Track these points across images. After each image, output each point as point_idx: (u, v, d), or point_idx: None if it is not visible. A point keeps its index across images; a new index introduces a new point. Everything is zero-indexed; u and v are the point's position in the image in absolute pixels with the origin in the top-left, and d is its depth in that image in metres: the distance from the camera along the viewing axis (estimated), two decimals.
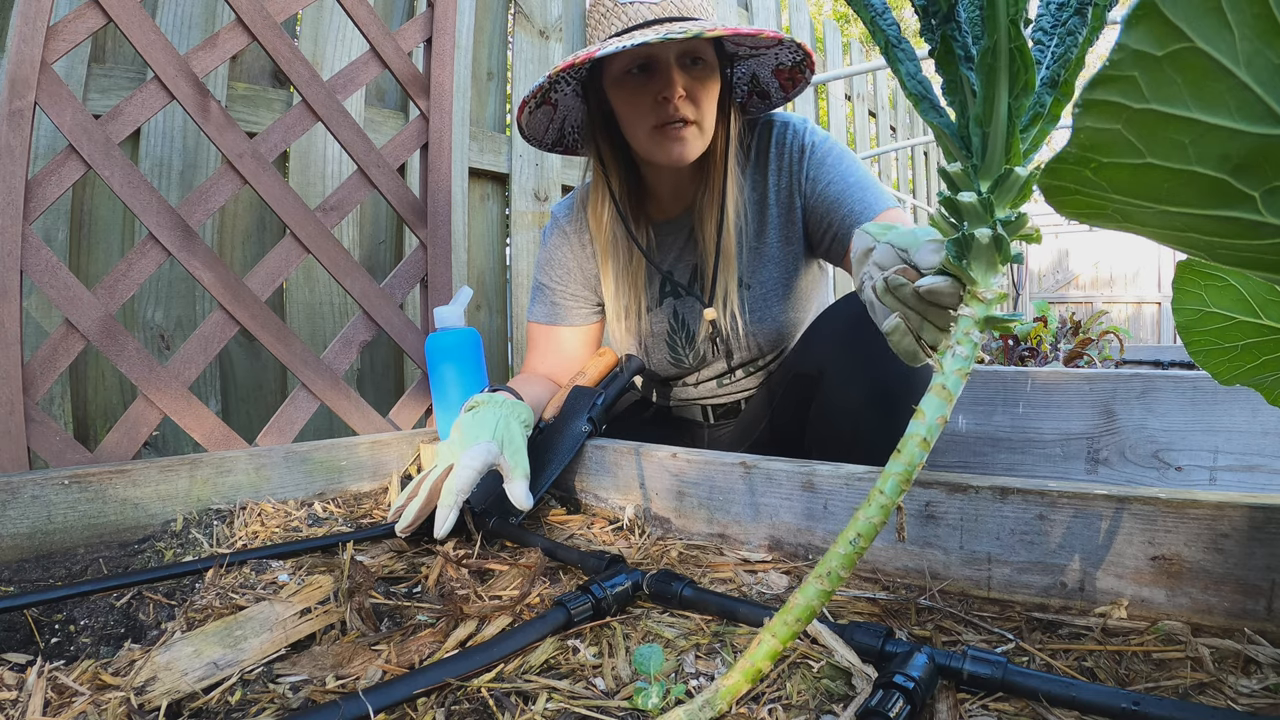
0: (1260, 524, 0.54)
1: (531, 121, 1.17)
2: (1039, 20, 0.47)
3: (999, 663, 0.48)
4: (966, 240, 0.50)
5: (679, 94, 1.01)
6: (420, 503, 0.85)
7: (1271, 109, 0.24)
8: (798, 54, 1.08)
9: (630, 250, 1.21)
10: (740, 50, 1.12)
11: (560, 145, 1.26)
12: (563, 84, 1.15)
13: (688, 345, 1.26)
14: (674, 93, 1.01)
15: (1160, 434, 1.35)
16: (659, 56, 1.02)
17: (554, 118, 1.21)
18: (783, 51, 1.10)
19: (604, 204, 1.18)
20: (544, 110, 1.17)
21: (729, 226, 1.14)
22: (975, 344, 0.50)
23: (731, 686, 0.47)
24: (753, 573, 0.76)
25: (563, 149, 1.27)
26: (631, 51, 1.02)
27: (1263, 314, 0.53)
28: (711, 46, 1.06)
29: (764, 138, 1.19)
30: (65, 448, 1.01)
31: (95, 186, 1.39)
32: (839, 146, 1.18)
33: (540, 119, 1.19)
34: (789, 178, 1.17)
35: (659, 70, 1.03)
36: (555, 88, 1.14)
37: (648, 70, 1.04)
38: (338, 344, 1.31)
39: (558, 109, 1.19)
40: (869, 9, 0.53)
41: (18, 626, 0.64)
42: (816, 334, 1.12)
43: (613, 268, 1.22)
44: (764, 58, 1.13)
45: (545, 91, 1.12)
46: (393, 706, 0.49)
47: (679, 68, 1.02)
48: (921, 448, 0.48)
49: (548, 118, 1.20)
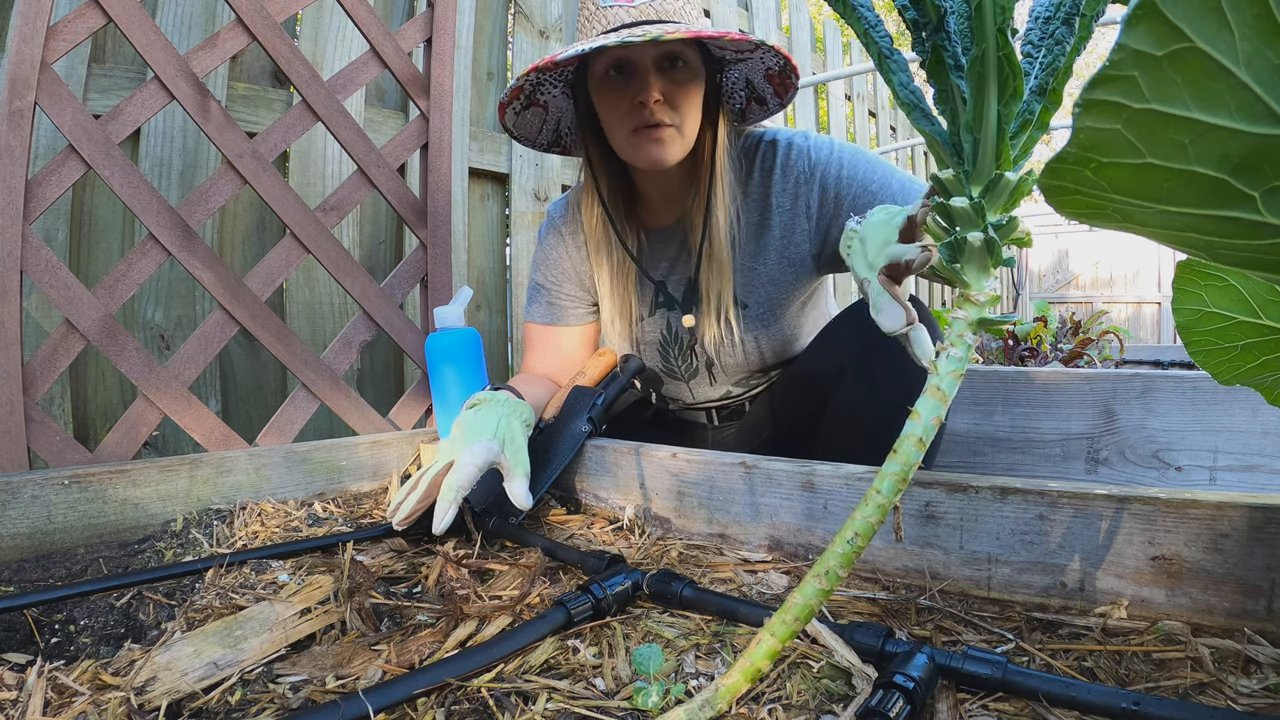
0: (1260, 524, 0.54)
1: (521, 123, 1.16)
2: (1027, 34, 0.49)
3: (999, 663, 0.48)
4: (959, 244, 0.50)
5: (654, 97, 1.00)
6: (419, 496, 0.85)
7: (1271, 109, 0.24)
8: (779, 59, 1.06)
9: (622, 253, 1.21)
10: (727, 55, 1.11)
11: (557, 146, 1.25)
12: (549, 86, 1.14)
13: (680, 357, 1.26)
14: (649, 96, 1.00)
15: (1160, 434, 1.35)
16: (636, 60, 1.02)
17: (546, 119, 1.20)
18: (767, 56, 1.08)
19: (594, 206, 1.18)
20: (534, 112, 1.17)
21: (719, 233, 1.12)
22: (969, 345, 0.51)
23: (731, 686, 0.47)
24: (753, 573, 0.76)
25: (560, 149, 1.26)
26: (609, 54, 1.02)
27: (1263, 314, 0.53)
28: (695, 50, 1.05)
29: (768, 158, 1.16)
30: (65, 448, 1.01)
31: (95, 186, 1.39)
32: (847, 154, 1.14)
33: (531, 120, 1.18)
34: (792, 200, 1.14)
35: (637, 73, 1.02)
36: (541, 89, 1.14)
37: (626, 73, 1.03)
38: (338, 344, 1.31)
39: (549, 110, 1.19)
40: (863, 21, 0.54)
41: (18, 626, 0.64)
42: (835, 335, 1.11)
43: (606, 269, 1.21)
44: (753, 62, 1.11)
45: (529, 94, 1.12)
46: (393, 706, 0.49)
47: (657, 71, 1.02)
48: (918, 448, 0.49)
49: (539, 119, 1.19)
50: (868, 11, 0.54)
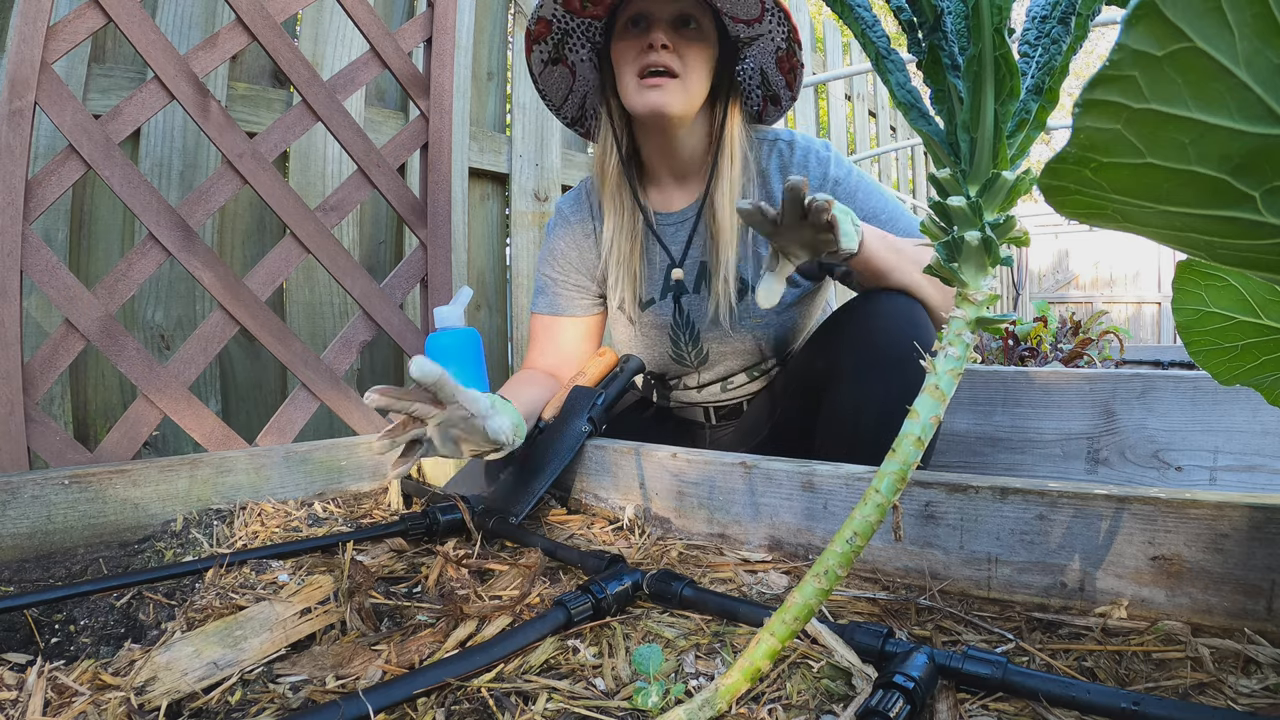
0: (1260, 524, 0.54)
1: (547, 77, 1.21)
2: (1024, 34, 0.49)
3: (999, 663, 0.48)
4: (956, 243, 0.50)
5: (661, 42, 1.06)
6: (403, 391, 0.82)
7: (1271, 109, 0.24)
8: (785, 26, 1.11)
9: (634, 211, 1.22)
10: (740, 34, 1.14)
11: (581, 125, 1.29)
12: (578, 44, 1.19)
13: (691, 343, 1.26)
14: (656, 40, 1.06)
15: (1160, 434, 1.35)
16: (652, 13, 1.08)
17: (573, 86, 1.24)
18: (775, 30, 1.12)
19: (610, 153, 1.20)
20: (561, 73, 1.21)
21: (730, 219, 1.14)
22: (967, 345, 0.51)
23: (731, 686, 0.47)
24: (753, 573, 0.76)
25: (583, 130, 1.30)
26: (631, 7, 1.08)
27: (1263, 314, 0.53)
28: (710, 18, 1.10)
29: (785, 155, 1.20)
30: (65, 448, 1.01)
31: (95, 186, 1.39)
32: (863, 179, 1.20)
33: (558, 82, 1.22)
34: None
35: (650, 26, 1.08)
36: (569, 43, 1.18)
37: (641, 26, 1.09)
38: (338, 344, 1.31)
39: (576, 77, 1.23)
40: (860, 22, 0.54)
41: (18, 626, 0.64)
42: (831, 333, 1.12)
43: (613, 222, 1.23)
44: (764, 43, 1.15)
45: (557, 45, 1.18)
46: (393, 706, 0.49)
47: (669, 26, 1.08)
48: (916, 447, 0.49)
49: (566, 82, 1.23)
50: (865, 12, 0.54)
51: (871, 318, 1.05)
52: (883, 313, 1.04)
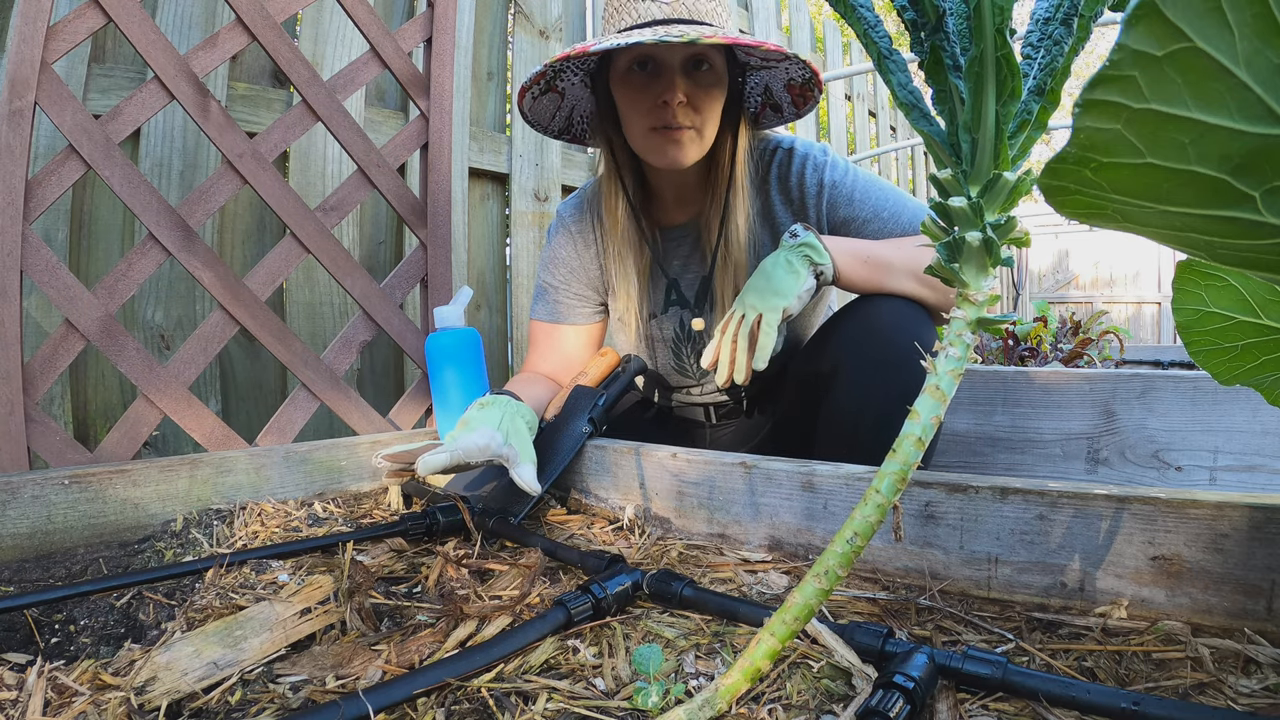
0: (1260, 524, 0.54)
1: (536, 108, 1.17)
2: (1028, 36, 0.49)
3: (999, 663, 0.48)
4: (957, 244, 0.50)
5: (679, 99, 1.01)
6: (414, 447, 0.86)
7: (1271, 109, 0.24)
8: (806, 71, 1.08)
9: (640, 248, 1.21)
10: (752, 60, 1.11)
11: (568, 133, 1.26)
12: (569, 74, 1.14)
13: (693, 355, 1.26)
14: (674, 97, 1.00)
15: (1160, 434, 1.35)
16: (663, 58, 1.02)
17: (561, 105, 1.21)
18: (792, 67, 1.09)
19: (617, 197, 1.18)
20: (550, 98, 1.18)
21: (738, 238, 1.13)
22: (968, 345, 0.51)
23: (731, 686, 0.47)
24: (753, 573, 0.76)
25: (570, 137, 1.27)
26: (634, 49, 1.02)
27: (1263, 314, 0.53)
28: (721, 54, 1.05)
29: (783, 165, 1.17)
30: (65, 448, 1.01)
31: (95, 186, 1.39)
32: (861, 178, 1.16)
33: (546, 105, 1.19)
34: (799, 209, 1.17)
35: (662, 72, 1.02)
36: (561, 77, 1.14)
37: (650, 70, 1.03)
38: (338, 344, 1.31)
39: (565, 98, 1.19)
40: (862, 22, 0.54)
41: (18, 626, 0.64)
42: (831, 334, 1.12)
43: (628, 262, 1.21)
44: (776, 71, 1.12)
45: (550, 80, 1.13)
46: (393, 706, 0.49)
47: (682, 73, 1.02)
48: (917, 447, 0.49)
49: (554, 105, 1.20)
50: (867, 11, 0.54)
51: (872, 318, 1.04)
52: (883, 313, 1.04)
